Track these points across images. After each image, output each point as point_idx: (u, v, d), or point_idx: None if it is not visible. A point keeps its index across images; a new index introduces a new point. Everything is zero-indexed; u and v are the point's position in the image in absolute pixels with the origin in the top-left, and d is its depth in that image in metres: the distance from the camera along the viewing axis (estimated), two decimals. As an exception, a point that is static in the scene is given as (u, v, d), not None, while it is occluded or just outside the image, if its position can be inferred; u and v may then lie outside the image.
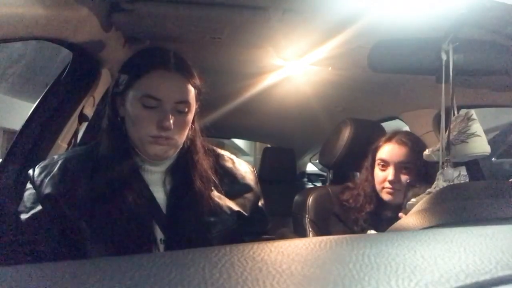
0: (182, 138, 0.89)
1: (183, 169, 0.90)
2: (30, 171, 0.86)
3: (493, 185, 0.69)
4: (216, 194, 0.91)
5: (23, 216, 0.81)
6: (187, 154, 0.91)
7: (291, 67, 1.64)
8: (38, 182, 0.83)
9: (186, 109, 0.85)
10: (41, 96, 1.31)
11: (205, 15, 1.15)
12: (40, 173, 0.84)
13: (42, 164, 0.87)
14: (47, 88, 1.32)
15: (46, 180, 0.83)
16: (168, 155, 0.87)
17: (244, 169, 1.00)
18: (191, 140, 0.93)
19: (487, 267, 0.28)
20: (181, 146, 0.91)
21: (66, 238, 0.81)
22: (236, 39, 1.35)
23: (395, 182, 1.26)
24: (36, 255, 0.78)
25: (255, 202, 0.99)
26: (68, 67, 1.30)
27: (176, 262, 0.29)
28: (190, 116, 0.88)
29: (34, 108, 1.29)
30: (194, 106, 0.88)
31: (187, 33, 1.30)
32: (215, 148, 1.01)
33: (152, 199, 0.86)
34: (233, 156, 1.03)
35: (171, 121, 0.81)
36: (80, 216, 0.80)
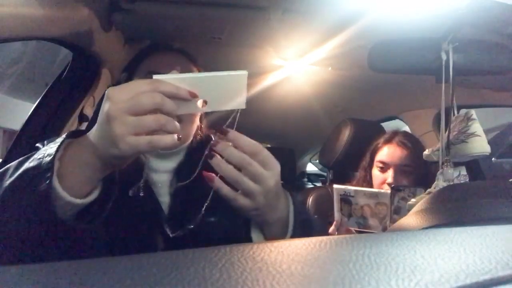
0: (190, 126, 0.80)
1: (190, 170, 0.79)
2: None
3: (493, 185, 0.69)
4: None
5: None
6: (195, 153, 0.82)
7: (291, 67, 1.64)
8: None
9: None
10: (41, 96, 1.31)
11: (205, 15, 1.15)
12: None
13: None
14: (47, 88, 1.32)
15: None
16: (175, 146, 0.78)
17: None
18: (200, 138, 0.86)
19: (487, 267, 0.28)
20: (189, 139, 0.83)
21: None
22: (236, 39, 1.35)
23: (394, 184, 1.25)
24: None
25: None
26: (68, 67, 1.30)
27: (176, 262, 0.29)
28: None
29: (34, 108, 1.29)
30: None
31: (187, 33, 1.30)
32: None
33: (156, 204, 0.76)
34: None
35: None
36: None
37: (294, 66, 1.62)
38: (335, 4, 1.04)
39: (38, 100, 1.30)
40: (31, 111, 1.29)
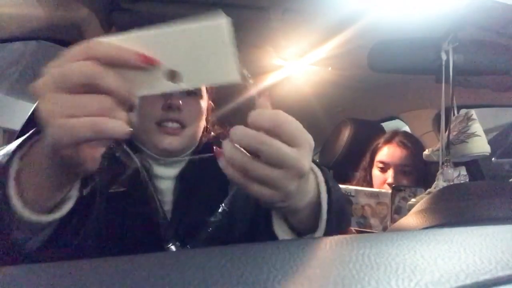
0: (195, 127, 0.76)
1: (194, 176, 0.75)
2: None
3: (493, 185, 0.69)
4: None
5: None
6: (200, 158, 0.76)
7: (291, 67, 1.64)
8: None
9: (196, 91, 0.75)
10: (41, 96, 1.31)
11: (205, 15, 1.15)
12: None
13: None
14: (47, 88, 1.32)
15: None
16: (179, 148, 0.73)
17: None
18: (206, 141, 0.81)
19: (487, 267, 0.28)
20: (196, 142, 0.79)
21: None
22: (236, 39, 1.35)
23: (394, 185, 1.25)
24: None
25: None
26: (68, 67, 1.30)
27: (176, 262, 0.29)
28: (203, 103, 0.77)
29: (34, 108, 1.29)
30: (205, 94, 0.79)
31: (187, 33, 1.30)
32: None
33: (159, 213, 0.70)
34: None
35: (180, 102, 0.70)
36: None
37: (294, 66, 1.62)
38: (335, 4, 1.04)
39: (38, 100, 1.30)
40: (31, 111, 1.29)
